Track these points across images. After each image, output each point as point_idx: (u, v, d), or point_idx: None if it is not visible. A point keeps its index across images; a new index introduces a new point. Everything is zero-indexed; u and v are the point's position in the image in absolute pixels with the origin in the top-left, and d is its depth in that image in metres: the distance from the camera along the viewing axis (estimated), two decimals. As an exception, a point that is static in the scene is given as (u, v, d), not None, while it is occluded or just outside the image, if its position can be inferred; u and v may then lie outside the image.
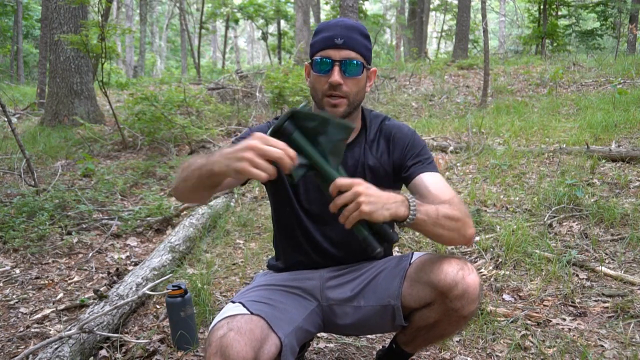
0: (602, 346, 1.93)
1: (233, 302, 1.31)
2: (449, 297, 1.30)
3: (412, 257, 1.47)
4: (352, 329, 1.54)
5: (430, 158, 1.46)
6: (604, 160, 4.11)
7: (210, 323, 2.19)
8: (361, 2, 15.60)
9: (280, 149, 1.06)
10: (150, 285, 2.16)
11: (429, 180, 1.39)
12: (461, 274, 1.29)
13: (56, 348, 1.85)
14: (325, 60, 1.35)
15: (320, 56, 1.36)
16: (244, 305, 1.26)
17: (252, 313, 1.23)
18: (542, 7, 14.02)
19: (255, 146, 1.05)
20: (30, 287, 2.70)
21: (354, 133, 1.48)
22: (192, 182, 1.22)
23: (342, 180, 1.12)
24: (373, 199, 1.12)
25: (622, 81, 7.82)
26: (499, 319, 2.13)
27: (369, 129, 1.51)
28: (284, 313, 1.32)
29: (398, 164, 1.47)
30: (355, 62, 1.35)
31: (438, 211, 1.23)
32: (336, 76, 1.34)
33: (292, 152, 1.07)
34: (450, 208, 1.26)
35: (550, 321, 2.12)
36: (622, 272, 2.49)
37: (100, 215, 3.78)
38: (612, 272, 2.47)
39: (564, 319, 2.13)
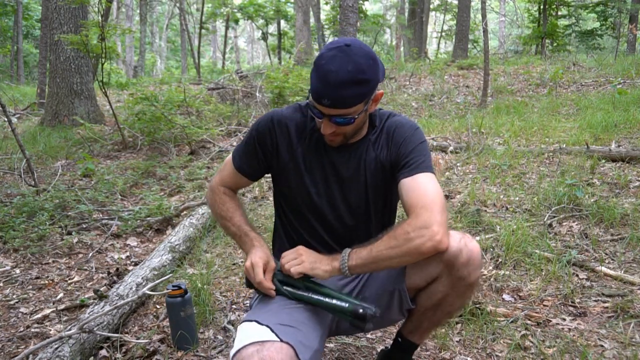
0: (602, 346, 1.93)
1: (260, 323, 1.28)
2: (456, 265, 1.35)
3: None
4: None
5: (420, 159, 1.43)
6: (604, 160, 4.12)
7: (211, 323, 2.21)
8: (361, 2, 15.60)
9: (257, 280, 1.39)
10: (150, 285, 2.16)
11: (407, 186, 1.39)
12: (463, 241, 1.35)
13: (56, 348, 1.85)
14: (317, 111, 1.37)
15: (312, 102, 1.37)
16: (272, 331, 1.24)
17: (281, 340, 1.21)
18: (542, 7, 14.03)
19: (253, 265, 1.41)
20: (30, 287, 2.70)
21: (360, 135, 1.51)
22: (225, 231, 1.64)
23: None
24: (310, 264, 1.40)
25: (622, 81, 7.82)
26: (499, 319, 2.14)
27: (375, 128, 1.52)
28: (306, 337, 1.31)
29: (394, 161, 1.48)
30: (343, 118, 1.35)
31: (371, 251, 1.32)
32: (326, 128, 1.39)
33: (265, 285, 1.40)
34: (387, 240, 1.30)
35: (550, 321, 2.12)
36: (622, 272, 2.49)
37: (100, 215, 3.77)
38: (612, 272, 2.47)
39: (564, 319, 2.13)
